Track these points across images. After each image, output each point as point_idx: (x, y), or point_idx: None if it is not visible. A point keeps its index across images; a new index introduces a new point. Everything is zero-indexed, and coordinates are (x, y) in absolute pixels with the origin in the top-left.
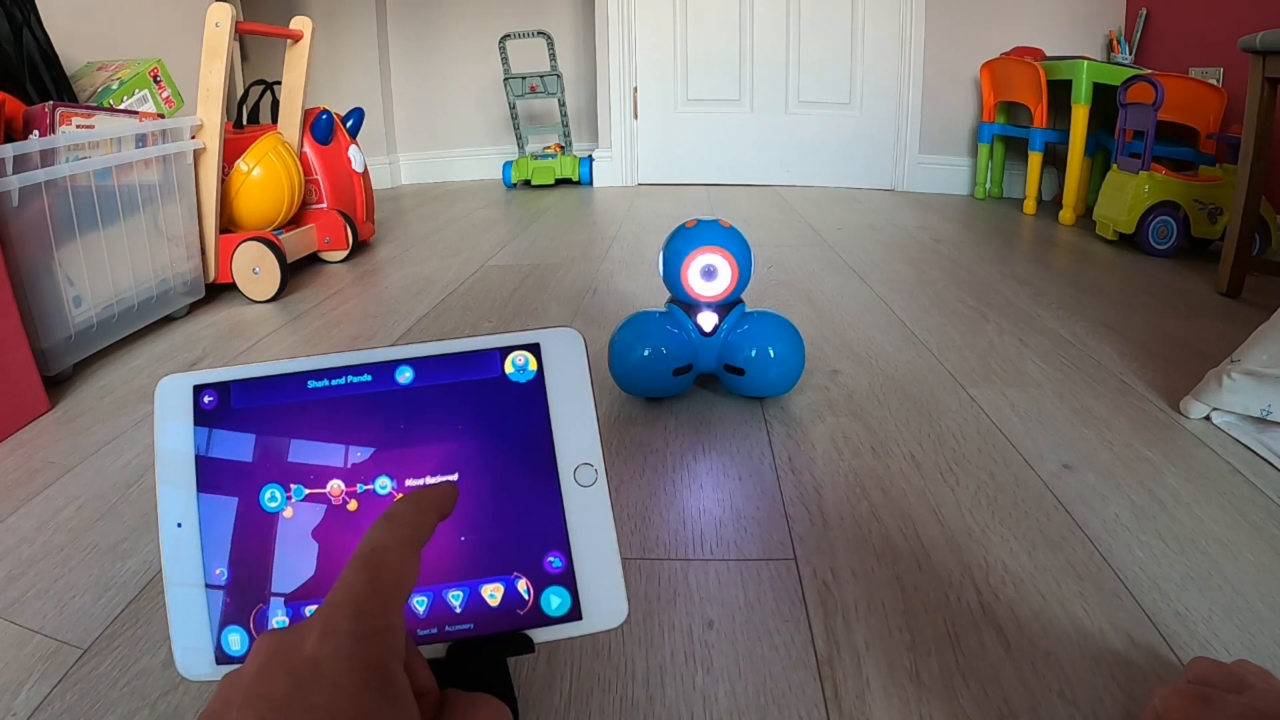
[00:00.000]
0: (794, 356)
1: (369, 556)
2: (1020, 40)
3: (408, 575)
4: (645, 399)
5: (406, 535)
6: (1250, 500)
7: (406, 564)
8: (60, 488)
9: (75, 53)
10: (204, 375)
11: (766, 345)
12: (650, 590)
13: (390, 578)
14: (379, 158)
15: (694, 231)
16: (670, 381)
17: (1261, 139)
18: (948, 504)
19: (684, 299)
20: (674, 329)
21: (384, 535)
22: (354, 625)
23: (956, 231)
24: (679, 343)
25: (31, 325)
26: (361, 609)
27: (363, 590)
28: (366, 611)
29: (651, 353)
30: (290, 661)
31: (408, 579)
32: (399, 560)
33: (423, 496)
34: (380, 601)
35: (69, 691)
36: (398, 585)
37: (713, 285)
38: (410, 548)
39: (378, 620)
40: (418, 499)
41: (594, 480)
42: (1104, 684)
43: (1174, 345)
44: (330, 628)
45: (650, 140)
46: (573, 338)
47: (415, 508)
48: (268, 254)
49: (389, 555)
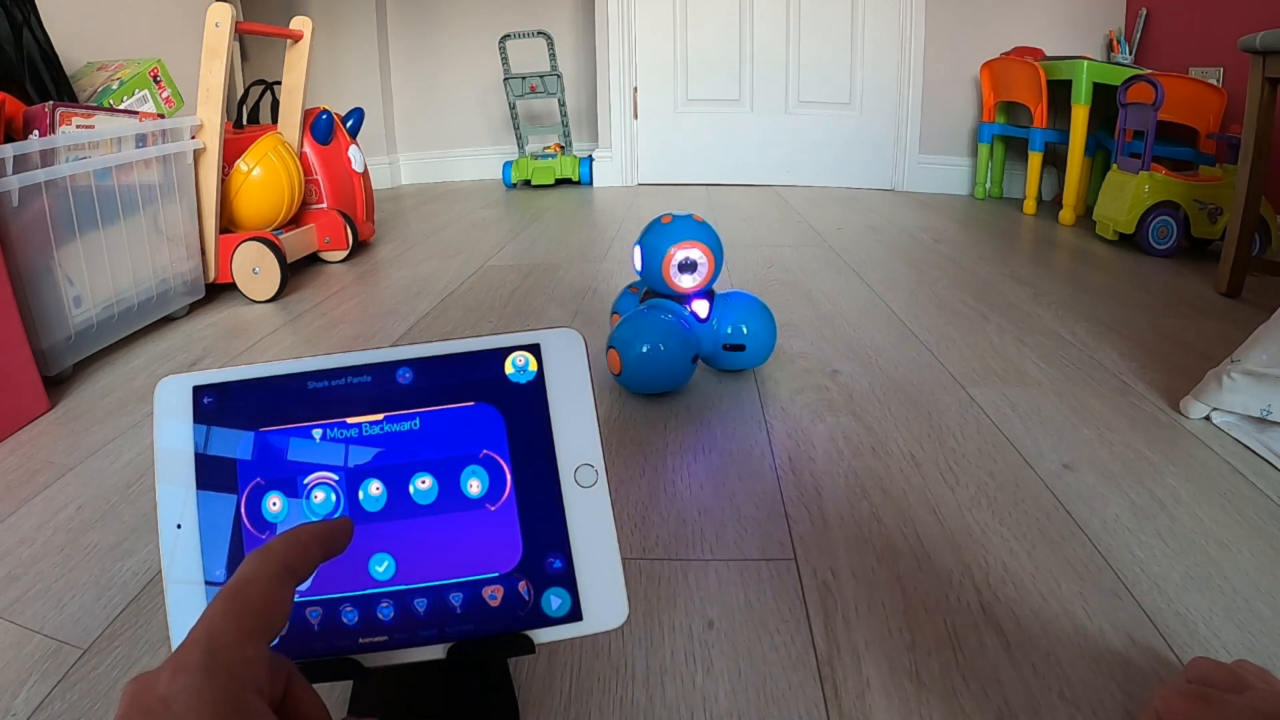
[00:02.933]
0: (772, 324)
1: (232, 588)
2: (1020, 40)
3: (274, 609)
4: (646, 396)
5: (276, 569)
6: (1250, 500)
7: (271, 598)
8: (60, 488)
9: (75, 53)
10: (204, 376)
11: (753, 320)
12: (650, 590)
13: (252, 610)
14: (379, 158)
15: (671, 228)
16: (688, 369)
17: (1261, 139)
18: (948, 504)
19: (664, 290)
20: (677, 320)
21: (252, 568)
22: (205, 660)
23: (956, 231)
24: (687, 331)
25: (31, 325)
26: (214, 643)
27: (219, 624)
28: (219, 645)
29: (667, 347)
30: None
31: (274, 612)
32: (264, 593)
33: (304, 531)
34: (236, 635)
35: (69, 691)
36: (260, 618)
37: (692, 278)
38: (279, 582)
39: (231, 653)
40: (297, 534)
41: (594, 481)
42: (1104, 684)
43: (1174, 345)
44: (181, 664)
45: (650, 140)
46: (573, 338)
47: (292, 542)
48: (268, 254)
49: (253, 587)
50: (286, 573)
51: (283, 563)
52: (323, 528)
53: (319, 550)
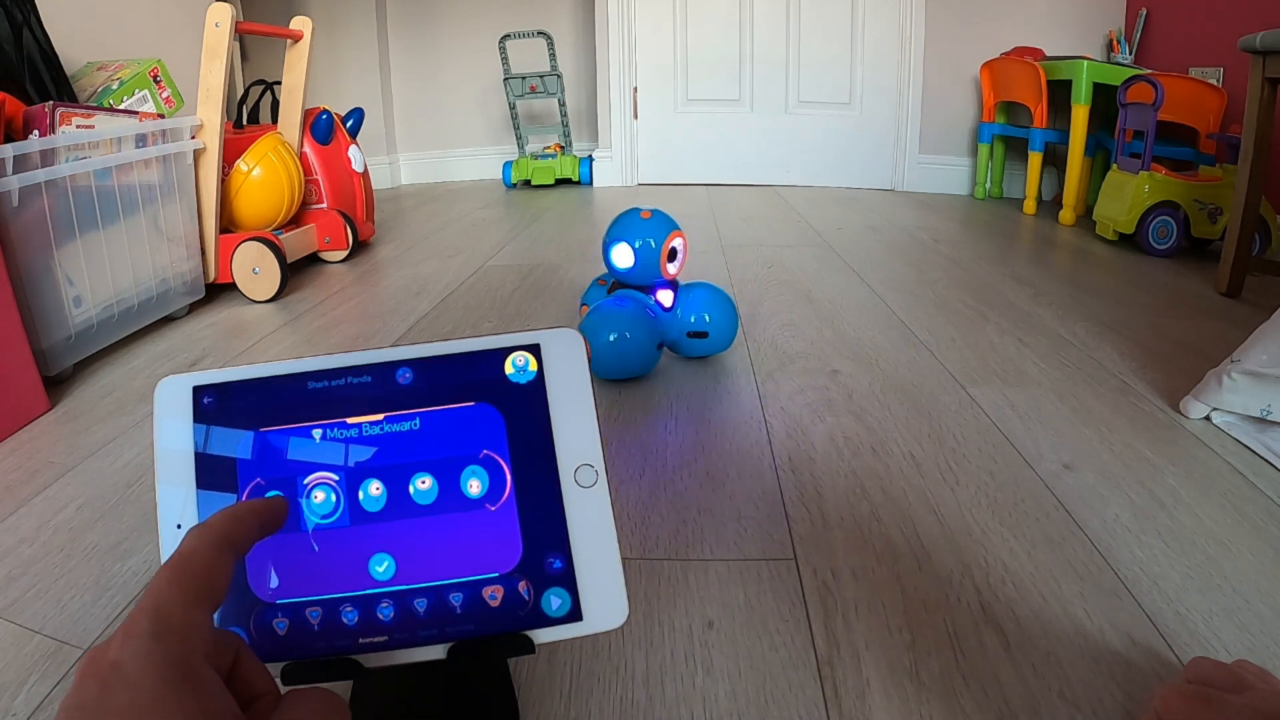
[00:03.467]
0: (734, 312)
1: (175, 560)
2: (1020, 40)
3: (216, 576)
4: (645, 396)
5: (215, 539)
6: (1250, 500)
7: (213, 566)
8: (60, 488)
9: (75, 53)
10: (204, 376)
11: (715, 309)
12: (650, 590)
13: (195, 578)
14: (379, 158)
15: (653, 222)
16: (654, 357)
17: (1261, 139)
18: (948, 504)
19: (653, 280)
20: (643, 309)
21: (194, 540)
22: (152, 625)
23: (956, 231)
24: (653, 320)
25: (31, 325)
26: (161, 610)
27: (164, 591)
28: (166, 612)
29: (633, 335)
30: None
31: (217, 580)
32: (205, 563)
33: (240, 507)
34: (182, 601)
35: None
36: (203, 585)
37: (674, 265)
38: (218, 552)
39: (177, 618)
40: (235, 510)
41: (594, 481)
42: (1104, 684)
43: (1174, 345)
44: (131, 630)
45: (650, 140)
46: (573, 338)
47: (230, 517)
48: (268, 254)
49: (196, 557)
50: (226, 544)
51: (223, 534)
52: (260, 503)
53: (255, 524)
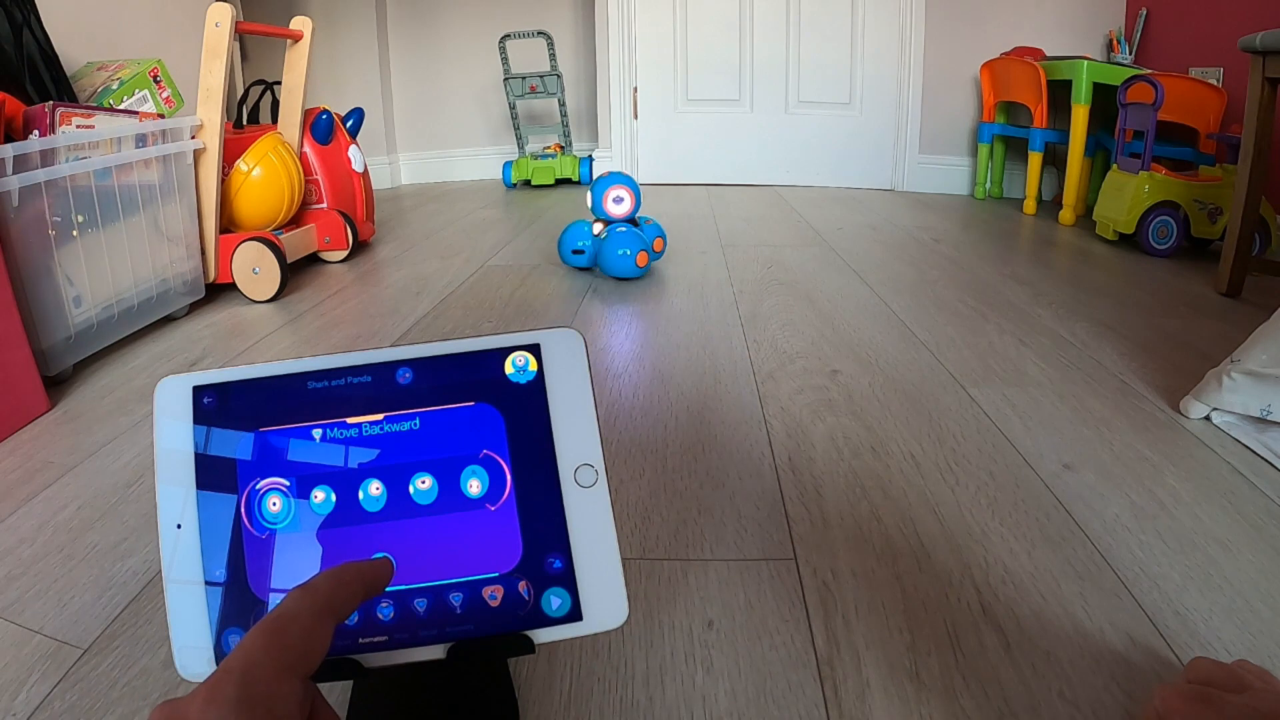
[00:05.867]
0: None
1: (273, 622)
2: (1020, 40)
3: (313, 646)
4: (646, 395)
5: (319, 605)
6: (1250, 500)
7: (312, 635)
8: (60, 488)
9: (75, 53)
10: (204, 376)
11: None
12: (650, 590)
13: (290, 645)
14: (379, 158)
15: (605, 178)
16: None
17: (1261, 139)
18: (948, 504)
19: (603, 216)
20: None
21: (295, 603)
22: (240, 692)
23: (956, 231)
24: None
25: (31, 325)
26: (250, 676)
27: (256, 657)
28: (255, 679)
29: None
30: None
31: (313, 649)
32: (304, 630)
33: (347, 570)
34: (273, 669)
35: (69, 691)
36: (298, 655)
37: (620, 208)
38: (319, 619)
39: (266, 687)
40: (340, 572)
41: (594, 481)
42: (1104, 684)
43: (1174, 345)
44: (215, 695)
45: (650, 140)
46: (573, 338)
47: (335, 580)
48: (268, 254)
49: (294, 624)
50: (328, 611)
51: (326, 600)
52: (366, 567)
53: (361, 588)
